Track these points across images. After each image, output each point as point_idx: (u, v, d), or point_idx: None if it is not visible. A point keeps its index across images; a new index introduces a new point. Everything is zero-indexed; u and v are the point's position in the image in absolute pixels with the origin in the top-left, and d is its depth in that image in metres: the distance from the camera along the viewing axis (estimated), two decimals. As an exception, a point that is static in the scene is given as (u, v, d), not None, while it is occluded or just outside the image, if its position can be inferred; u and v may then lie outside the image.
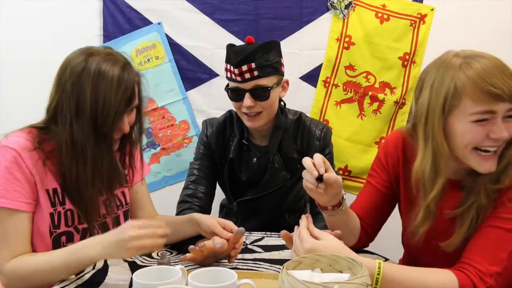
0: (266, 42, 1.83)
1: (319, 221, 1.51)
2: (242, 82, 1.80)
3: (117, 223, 1.54)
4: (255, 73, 1.77)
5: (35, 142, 1.35)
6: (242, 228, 1.36)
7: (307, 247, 1.16)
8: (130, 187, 1.63)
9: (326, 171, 1.24)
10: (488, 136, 1.17)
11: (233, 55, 1.80)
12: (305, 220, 1.25)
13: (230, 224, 1.41)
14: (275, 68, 1.82)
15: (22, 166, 1.32)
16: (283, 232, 1.36)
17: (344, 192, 1.34)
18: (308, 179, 1.27)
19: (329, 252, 1.13)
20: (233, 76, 1.81)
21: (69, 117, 1.33)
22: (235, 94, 1.84)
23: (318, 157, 1.26)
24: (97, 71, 1.32)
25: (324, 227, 1.40)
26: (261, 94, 1.80)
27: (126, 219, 1.59)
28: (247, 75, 1.78)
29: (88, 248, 1.25)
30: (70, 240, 1.41)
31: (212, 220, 1.44)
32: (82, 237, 1.43)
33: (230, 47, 1.85)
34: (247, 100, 1.79)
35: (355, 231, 1.46)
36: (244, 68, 1.77)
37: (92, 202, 1.39)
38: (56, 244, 1.39)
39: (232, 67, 1.80)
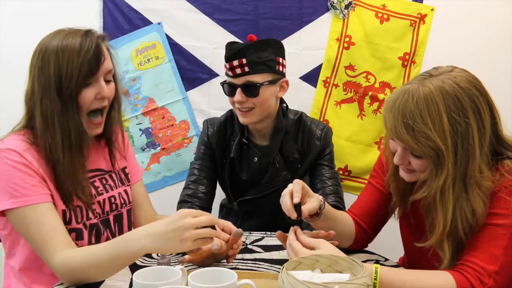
0: (264, 39, 1.84)
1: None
2: (234, 77, 1.82)
3: (119, 222, 1.54)
4: (246, 68, 1.79)
5: (29, 139, 1.36)
6: (240, 230, 1.36)
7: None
8: (131, 185, 1.63)
9: (303, 199, 1.29)
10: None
11: (227, 51, 1.83)
12: (292, 234, 1.26)
13: (229, 225, 1.40)
14: (269, 65, 1.82)
15: (28, 165, 1.32)
16: (278, 232, 1.36)
17: (323, 201, 1.36)
18: (287, 215, 1.29)
19: None
20: (227, 71, 1.84)
21: (39, 97, 1.35)
22: (229, 89, 1.87)
23: (297, 187, 1.28)
24: (59, 46, 1.35)
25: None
26: (251, 90, 1.81)
27: (129, 218, 1.59)
28: (238, 70, 1.80)
29: (133, 241, 1.17)
30: (80, 238, 1.41)
31: None
32: (90, 234, 1.42)
33: (229, 44, 1.87)
34: (238, 95, 1.82)
35: (347, 235, 1.47)
36: (235, 63, 1.79)
37: (73, 176, 1.36)
38: None
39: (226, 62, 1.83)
